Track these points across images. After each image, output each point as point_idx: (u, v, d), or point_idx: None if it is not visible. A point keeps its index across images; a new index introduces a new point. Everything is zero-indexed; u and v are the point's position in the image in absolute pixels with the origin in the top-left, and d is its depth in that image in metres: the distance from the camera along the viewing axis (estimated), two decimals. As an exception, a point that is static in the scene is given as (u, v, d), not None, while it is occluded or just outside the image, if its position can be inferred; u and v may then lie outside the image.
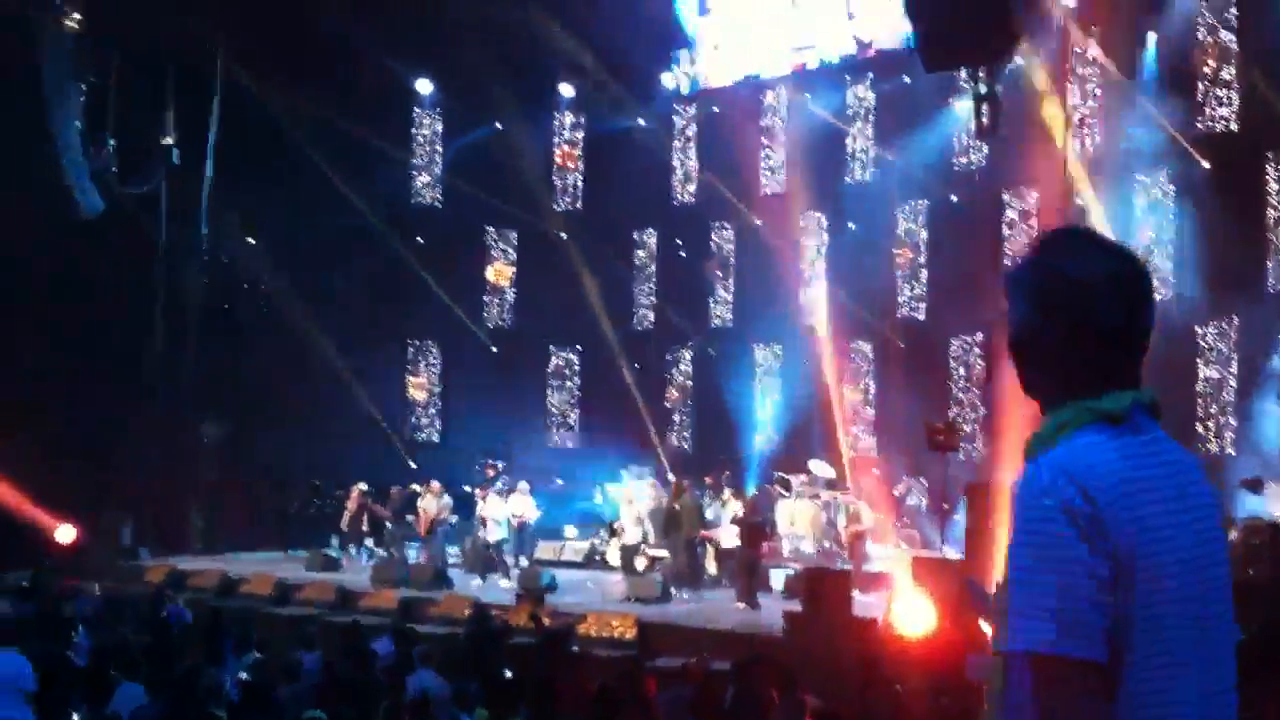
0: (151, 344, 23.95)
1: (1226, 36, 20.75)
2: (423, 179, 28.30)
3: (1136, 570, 1.98)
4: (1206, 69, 20.90)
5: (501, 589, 18.75)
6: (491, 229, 28.72)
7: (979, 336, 23.33)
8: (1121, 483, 2.01)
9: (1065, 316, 2.11)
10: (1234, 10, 20.62)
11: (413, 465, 25.78)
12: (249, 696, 10.52)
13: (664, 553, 19.45)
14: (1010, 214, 22.90)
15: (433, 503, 20.54)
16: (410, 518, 22.06)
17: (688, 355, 27.48)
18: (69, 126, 22.63)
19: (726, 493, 19.79)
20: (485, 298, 28.81)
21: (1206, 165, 20.68)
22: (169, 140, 23.39)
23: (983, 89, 20.49)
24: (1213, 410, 20.60)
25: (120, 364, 22.71)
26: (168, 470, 23.70)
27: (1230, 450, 19.96)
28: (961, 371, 23.64)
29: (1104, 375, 2.10)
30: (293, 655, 12.19)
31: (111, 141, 22.72)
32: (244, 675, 11.71)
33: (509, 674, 11.71)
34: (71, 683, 11.29)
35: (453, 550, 21.68)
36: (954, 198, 23.56)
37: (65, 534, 21.07)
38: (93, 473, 21.55)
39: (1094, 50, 22.08)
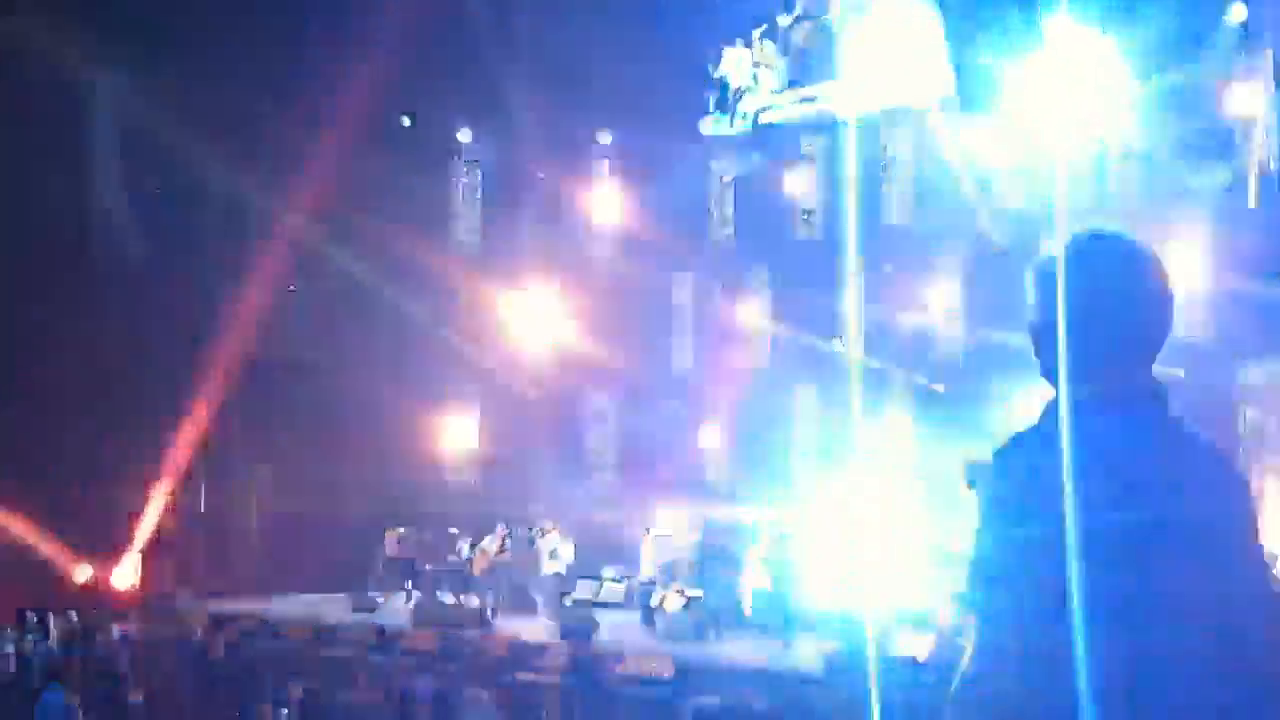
0: (196, 390, 24.26)
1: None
2: (463, 229, 28.53)
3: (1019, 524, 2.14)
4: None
5: (540, 629, 18.82)
6: (530, 274, 28.87)
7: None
8: (1032, 451, 2.16)
9: (1073, 312, 2.19)
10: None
11: (450, 509, 25.84)
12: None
13: (698, 592, 19.47)
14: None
15: (492, 544, 20.68)
16: (452, 558, 22.23)
17: (729, 394, 27.49)
18: (107, 170, 23.16)
19: (760, 532, 19.75)
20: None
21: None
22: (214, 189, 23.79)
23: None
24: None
25: (166, 410, 23.03)
26: (211, 515, 23.98)
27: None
28: (1001, 413, 23.54)
29: (1105, 365, 2.18)
30: (337, 693, 12.37)
31: (154, 182, 23.18)
32: (284, 712, 11.91)
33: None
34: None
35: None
36: (994, 239, 23.54)
37: (115, 578, 21.45)
38: (139, 518, 21.82)
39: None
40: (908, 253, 24.79)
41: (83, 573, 21.57)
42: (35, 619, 17.09)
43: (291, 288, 25.99)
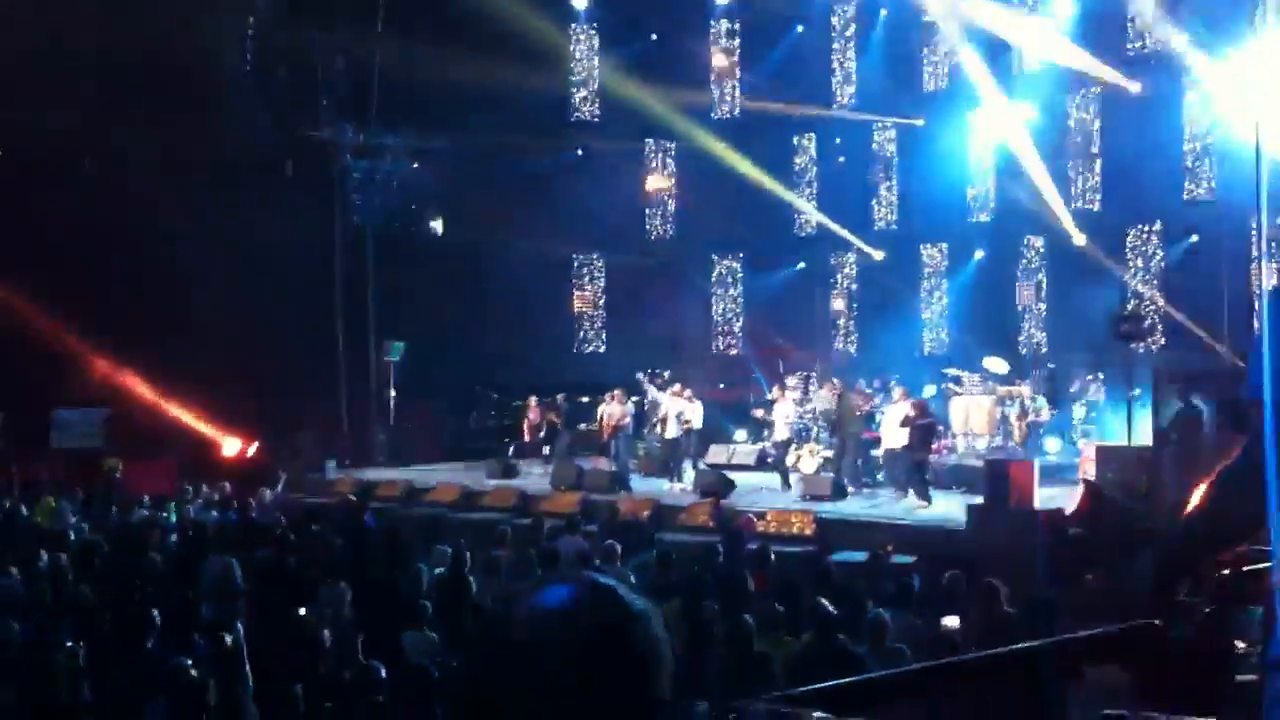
0: (332, 268, 24.74)
1: None
2: (580, 94, 28.38)
3: None
4: None
5: (675, 492, 19.02)
6: (650, 140, 28.68)
7: (1157, 225, 22.63)
8: None
9: None
10: None
11: (580, 376, 26.09)
12: (454, 591, 11.00)
13: (832, 453, 19.52)
14: (1191, 97, 21.99)
15: (616, 409, 20.90)
16: (583, 425, 22.52)
17: (852, 258, 27.18)
18: (240, 61, 23.39)
19: (896, 393, 19.48)
20: (647, 209, 28.86)
21: None
22: (337, 69, 23.88)
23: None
24: None
25: (304, 288, 23.51)
26: (352, 388, 24.57)
27: None
28: (1139, 262, 22.93)
29: None
30: (485, 553, 12.65)
31: (284, 70, 23.38)
32: (437, 571, 12.20)
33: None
34: (282, 584, 11.98)
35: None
36: (1130, 85, 22.65)
37: (257, 451, 22.16)
38: (281, 392, 22.37)
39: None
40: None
41: (235, 446, 22.34)
42: (194, 489, 17.78)
43: (415, 164, 26.19)
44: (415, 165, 26.40)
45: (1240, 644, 4.38)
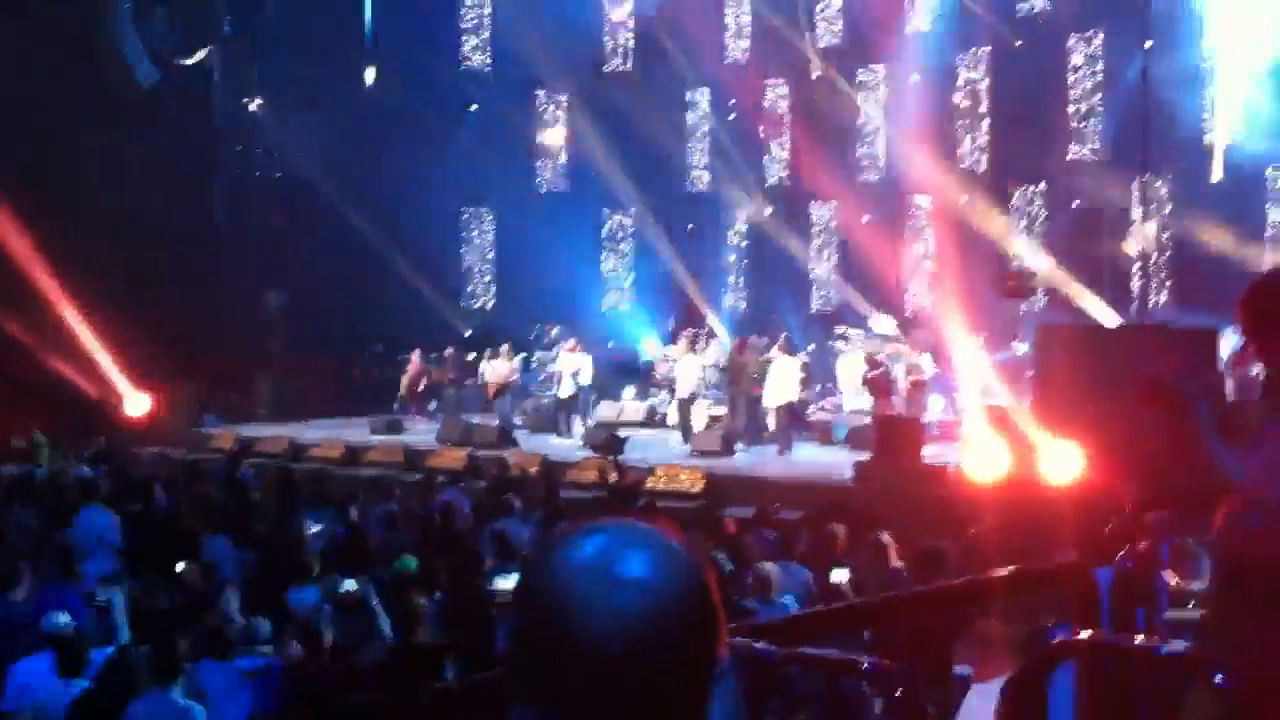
0: (212, 216, 24.02)
1: None
2: (471, 43, 27.85)
3: None
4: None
5: (564, 447, 18.93)
6: (541, 92, 28.30)
7: (1042, 186, 22.95)
8: None
9: None
10: None
11: (467, 331, 25.81)
12: (344, 546, 10.79)
13: (723, 409, 19.57)
14: (1076, 58, 22.31)
15: (503, 364, 20.67)
16: (469, 380, 22.26)
17: (742, 214, 27.17)
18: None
19: (775, 349, 19.51)
20: (537, 162, 28.50)
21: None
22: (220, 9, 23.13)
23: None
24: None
25: (182, 237, 22.80)
26: (232, 342, 23.94)
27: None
28: (1024, 222, 23.26)
29: None
30: (379, 508, 12.44)
31: (163, 11, 22.60)
32: (319, 528, 11.95)
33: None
34: (158, 537, 11.65)
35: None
36: (1018, 43, 22.90)
37: (136, 404, 21.43)
38: (159, 345, 21.70)
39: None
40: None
41: (114, 398, 21.60)
42: (67, 442, 17.20)
43: (301, 111, 25.55)
44: (301, 112, 25.74)
45: (1172, 578, 4.44)
